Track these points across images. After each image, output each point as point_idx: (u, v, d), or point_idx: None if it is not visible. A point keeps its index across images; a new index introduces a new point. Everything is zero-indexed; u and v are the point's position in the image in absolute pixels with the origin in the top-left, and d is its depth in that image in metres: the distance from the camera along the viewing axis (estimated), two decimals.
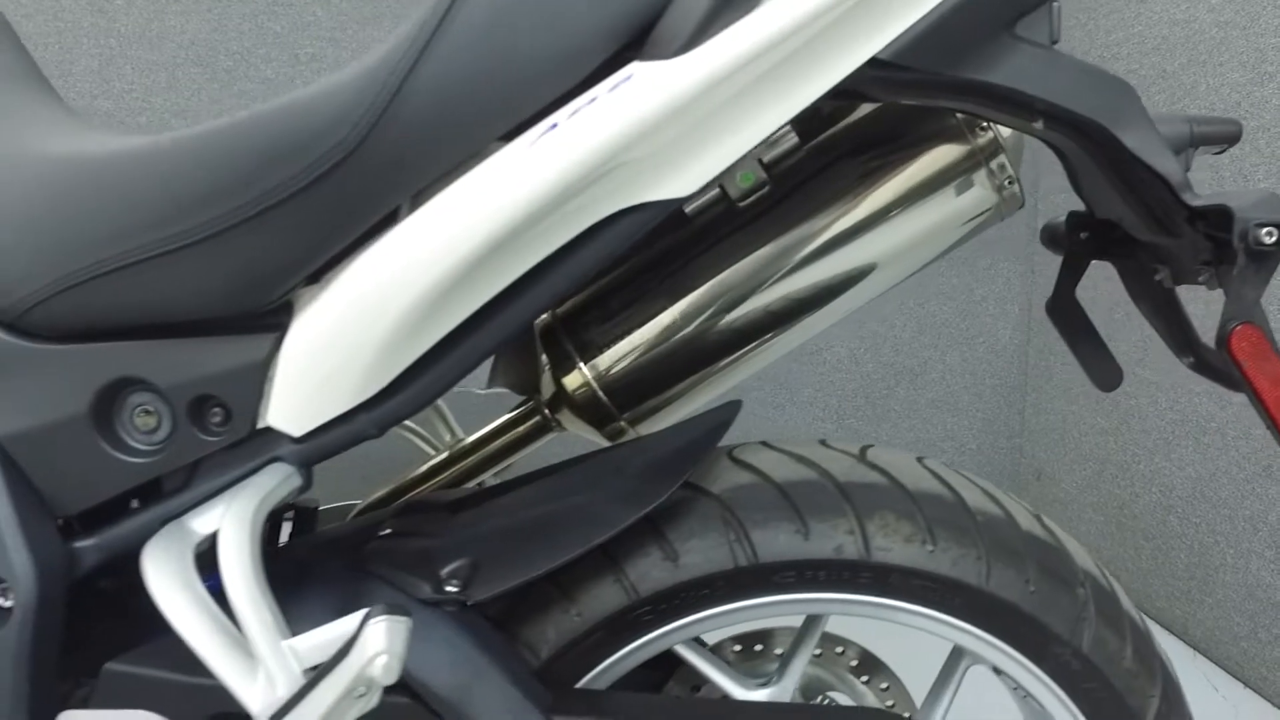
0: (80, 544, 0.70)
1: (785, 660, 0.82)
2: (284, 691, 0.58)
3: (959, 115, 0.82)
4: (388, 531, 0.79)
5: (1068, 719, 0.74)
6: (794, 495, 0.73)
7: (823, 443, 0.80)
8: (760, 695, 0.80)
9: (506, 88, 0.57)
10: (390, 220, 0.63)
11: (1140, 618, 0.77)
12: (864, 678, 0.91)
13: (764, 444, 0.80)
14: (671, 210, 0.63)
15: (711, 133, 0.59)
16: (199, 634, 0.60)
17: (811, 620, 0.82)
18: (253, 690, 0.59)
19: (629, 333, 0.85)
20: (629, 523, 0.70)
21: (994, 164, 0.82)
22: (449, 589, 0.70)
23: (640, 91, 0.56)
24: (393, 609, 0.56)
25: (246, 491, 0.65)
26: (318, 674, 0.55)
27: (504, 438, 0.98)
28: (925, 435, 2.11)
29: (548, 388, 0.93)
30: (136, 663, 0.70)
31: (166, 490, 0.70)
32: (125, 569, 0.75)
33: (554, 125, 0.57)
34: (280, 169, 0.58)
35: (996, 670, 0.76)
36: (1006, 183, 0.83)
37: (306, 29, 1.96)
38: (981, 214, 0.84)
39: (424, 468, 1.01)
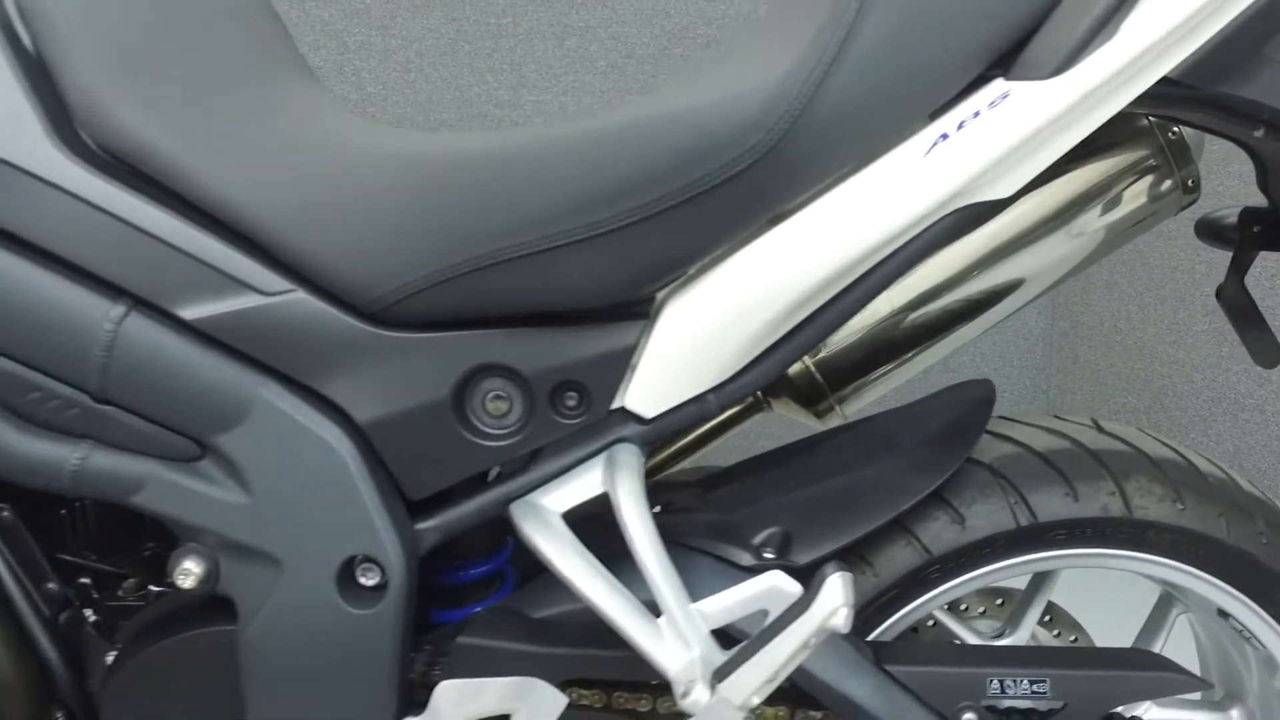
0: (422, 526, 0.75)
1: (1017, 613, 0.92)
2: (699, 651, 0.65)
3: (1150, 118, 0.93)
4: (658, 510, 0.86)
5: None
6: (1057, 462, 0.83)
7: (1056, 416, 0.90)
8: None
9: (901, 101, 0.65)
10: None
11: None
12: (1055, 632, 1.02)
13: (1004, 418, 0.90)
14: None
15: (1043, 144, 0.68)
16: (610, 604, 0.67)
17: (1040, 576, 0.92)
18: (664, 650, 0.66)
19: None
20: (928, 491, 0.79)
21: (1180, 159, 0.92)
22: (767, 555, 0.78)
23: (1021, 109, 0.64)
24: (839, 565, 0.63)
25: (625, 471, 0.71)
26: (772, 628, 0.63)
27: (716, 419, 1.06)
28: None
29: None
30: (485, 635, 0.76)
31: (505, 473, 0.76)
32: None
33: (944, 136, 0.65)
34: (692, 170, 0.65)
35: (1222, 613, 0.88)
36: (1189, 181, 0.94)
37: (355, 16, 1.98)
38: (1163, 210, 0.95)
39: None
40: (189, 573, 0.73)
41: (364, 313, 0.71)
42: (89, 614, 0.83)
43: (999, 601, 1.00)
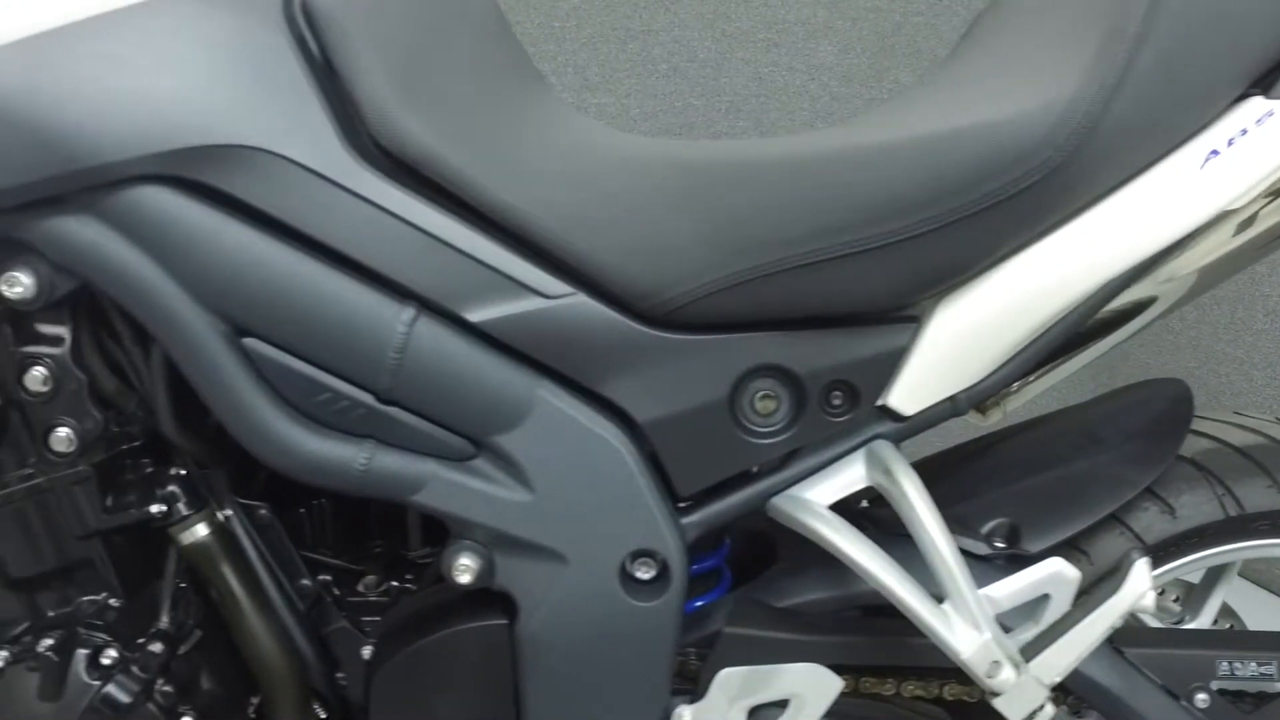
0: (686, 521, 0.79)
1: (1195, 603, 0.99)
2: (989, 634, 0.71)
3: None
4: (865, 504, 0.91)
5: None
6: (1256, 456, 0.90)
7: (1238, 412, 0.97)
8: None
9: (1176, 120, 0.71)
10: None
11: None
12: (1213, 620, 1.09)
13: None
14: None
15: None
16: (902, 588, 0.73)
17: (1215, 569, 0.99)
18: (955, 633, 0.72)
19: None
20: (1147, 484, 0.86)
21: None
22: (998, 545, 0.83)
23: None
24: (1141, 552, 0.69)
25: (899, 464, 0.77)
26: (1080, 610, 0.68)
27: None
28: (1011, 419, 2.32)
29: None
30: (748, 625, 0.80)
31: (764, 469, 0.81)
32: None
33: (1214, 152, 0.71)
34: (987, 183, 0.70)
35: None
36: None
37: None
38: None
39: None
40: (466, 569, 0.77)
41: (645, 316, 0.75)
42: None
43: (1159, 591, 1.07)
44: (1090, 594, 0.72)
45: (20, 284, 0.70)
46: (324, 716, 0.86)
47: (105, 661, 0.77)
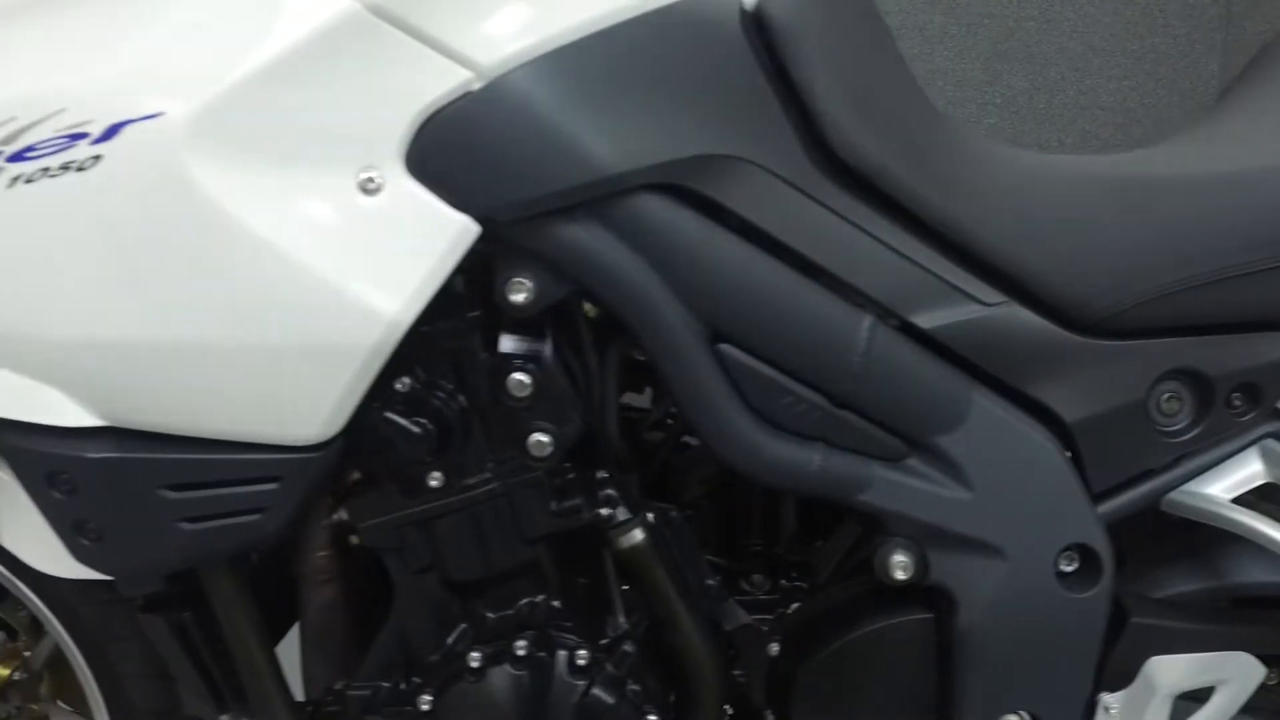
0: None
1: None
2: None
3: None
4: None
5: None
6: None
7: None
8: None
9: None
10: None
11: None
12: None
13: None
14: None
15: None
16: None
17: None
18: None
19: None
20: None
21: None
22: None
23: None
24: None
25: None
26: None
27: None
28: None
29: None
30: (1152, 615, 0.87)
31: (1160, 466, 0.88)
32: None
33: None
34: None
35: None
36: None
37: None
38: None
39: None
40: (901, 566, 0.82)
41: (1073, 323, 0.82)
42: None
43: None
44: None
45: (524, 289, 0.75)
46: (731, 713, 0.91)
47: (580, 662, 0.81)
